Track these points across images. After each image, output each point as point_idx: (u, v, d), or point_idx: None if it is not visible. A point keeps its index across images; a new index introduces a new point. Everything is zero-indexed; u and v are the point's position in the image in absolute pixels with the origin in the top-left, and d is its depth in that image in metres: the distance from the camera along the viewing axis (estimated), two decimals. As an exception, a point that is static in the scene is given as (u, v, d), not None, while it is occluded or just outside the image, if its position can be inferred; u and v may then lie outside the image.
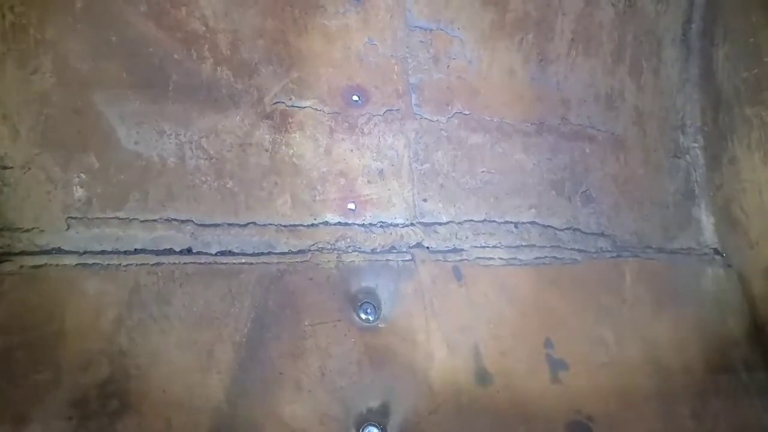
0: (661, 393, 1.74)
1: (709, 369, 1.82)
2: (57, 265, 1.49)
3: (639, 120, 2.09)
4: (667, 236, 2.03)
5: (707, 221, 2.09)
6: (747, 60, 1.97)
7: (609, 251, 1.94)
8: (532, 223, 1.91)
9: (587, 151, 2.01)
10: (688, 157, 2.14)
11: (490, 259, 1.80)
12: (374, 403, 1.54)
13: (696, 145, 2.15)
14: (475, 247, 1.82)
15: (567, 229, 1.93)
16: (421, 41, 1.88)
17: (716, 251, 2.06)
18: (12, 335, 1.41)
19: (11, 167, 1.52)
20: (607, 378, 1.73)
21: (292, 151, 1.73)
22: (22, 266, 1.46)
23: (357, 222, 1.75)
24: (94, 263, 1.52)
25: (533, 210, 1.92)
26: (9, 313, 1.43)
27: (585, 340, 1.76)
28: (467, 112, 1.90)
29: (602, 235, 1.96)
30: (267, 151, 1.71)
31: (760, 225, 1.92)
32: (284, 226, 1.69)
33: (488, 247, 1.83)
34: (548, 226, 1.92)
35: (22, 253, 1.48)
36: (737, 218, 2.00)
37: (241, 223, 1.66)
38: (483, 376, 1.64)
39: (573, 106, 2.02)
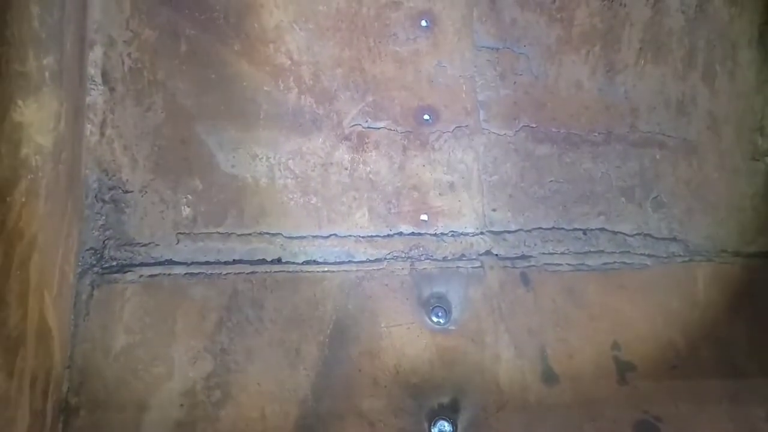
0: (734, 395, 1.76)
1: (788, 372, 1.82)
2: (169, 274, 1.73)
3: (713, 124, 2.09)
4: (744, 240, 2.03)
5: (790, 224, 2.06)
6: (826, 59, 1.94)
7: (681, 256, 1.96)
8: (601, 229, 1.97)
9: (657, 157, 2.04)
10: (767, 159, 2.12)
11: (558, 265, 1.89)
12: (445, 400, 1.68)
13: (776, 147, 2.12)
14: (543, 253, 1.91)
15: (637, 234, 1.98)
16: (488, 60, 2.00)
17: (799, 254, 2.02)
18: (134, 334, 1.67)
19: (131, 191, 1.78)
20: (677, 379, 1.76)
21: (369, 168, 1.90)
22: (141, 276, 1.72)
23: (429, 232, 1.89)
24: (199, 272, 1.75)
25: (602, 217, 1.98)
26: (131, 315, 1.68)
27: (654, 343, 1.81)
28: (534, 125, 1.99)
29: (674, 240, 1.99)
30: (346, 169, 1.89)
31: (843, 227, 1.89)
32: (362, 237, 1.86)
33: (556, 253, 1.91)
34: (618, 232, 1.97)
35: (141, 264, 1.74)
36: (820, 220, 1.97)
37: (324, 235, 1.85)
38: (549, 377, 1.73)
39: (642, 114, 2.05)
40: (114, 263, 1.73)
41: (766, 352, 1.84)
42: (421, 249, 1.87)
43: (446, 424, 1.61)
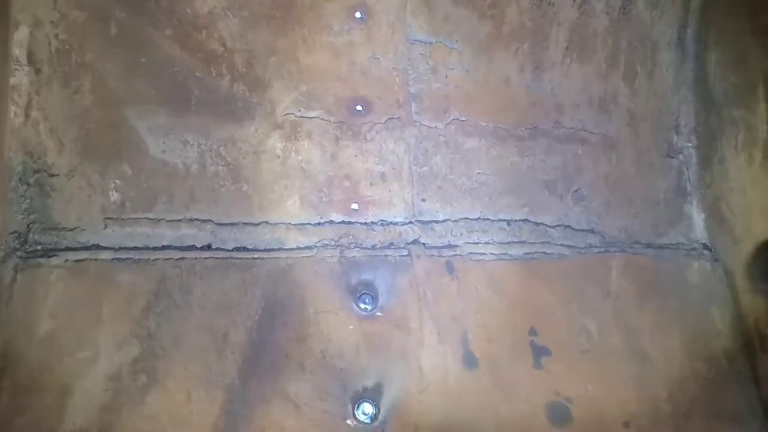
0: (639, 378, 1.88)
1: (689, 356, 1.95)
2: (96, 259, 1.73)
3: (632, 122, 2.21)
4: (657, 232, 2.15)
5: (698, 218, 2.20)
6: (735, 64, 2.07)
7: (597, 247, 2.07)
8: (524, 220, 2.06)
9: (579, 152, 2.14)
10: (681, 156, 2.24)
11: (482, 254, 1.97)
12: (369, 383, 1.74)
13: (690, 144, 2.25)
14: (469, 243, 1.98)
15: (558, 226, 2.08)
16: (421, 54, 2.04)
17: (705, 246, 2.16)
18: (59, 319, 1.66)
19: (57, 175, 1.75)
20: (588, 364, 1.88)
21: (301, 157, 1.93)
22: (66, 260, 1.70)
23: (359, 221, 1.94)
24: (127, 258, 1.75)
25: (526, 208, 2.07)
26: (56, 300, 1.67)
27: (568, 329, 1.91)
28: (464, 119, 2.06)
29: (592, 231, 2.10)
30: (278, 157, 1.91)
31: (743, 223, 2.03)
32: (293, 224, 1.89)
33: (481, 243, 1.99)
34: (540, 223, 2.07)
35: (67, 249, 1.72)
36: (724, 216, 2.11)
37: (255, 222, 1.87)
38: (470, 361, 1.81)
39: (567, 111, 2.15)
40: (39, 247, 1.71)
41: (670, 338, 1.97)
42: (351, 237, 1.91)
43: (369, 405, 1.68)
